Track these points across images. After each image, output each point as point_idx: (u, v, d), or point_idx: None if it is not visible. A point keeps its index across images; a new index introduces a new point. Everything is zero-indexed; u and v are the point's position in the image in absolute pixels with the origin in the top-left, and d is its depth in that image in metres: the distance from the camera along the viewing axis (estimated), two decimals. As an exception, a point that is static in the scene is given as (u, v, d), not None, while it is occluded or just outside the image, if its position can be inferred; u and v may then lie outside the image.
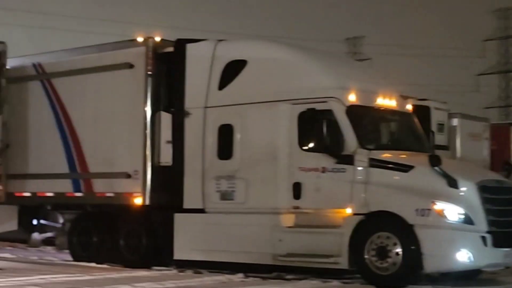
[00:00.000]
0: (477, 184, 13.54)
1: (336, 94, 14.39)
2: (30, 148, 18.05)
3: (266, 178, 14.86)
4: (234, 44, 16.15)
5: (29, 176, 17.95)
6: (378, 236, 13.63)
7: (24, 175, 18.01)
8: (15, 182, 17.86)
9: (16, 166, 17.96)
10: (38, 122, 18.02)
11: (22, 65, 18.37)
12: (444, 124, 23.97)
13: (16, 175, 17.91)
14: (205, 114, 15.69)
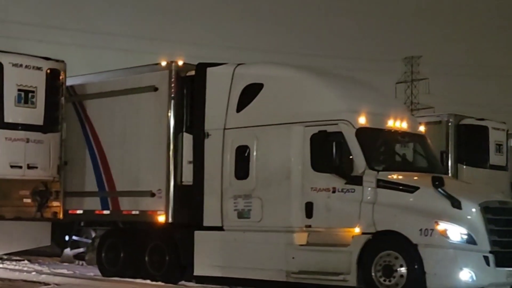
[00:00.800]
0: (480, 205, 13.90)
1: (347, 117, 14.89)
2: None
3: (280, 198, 15.40)
4: (252, 68, 16.74)
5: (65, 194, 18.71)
6: (384, 254, 14.08)
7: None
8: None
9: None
10: (70, 143, 18.76)
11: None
12: (502, 144, 24.23)
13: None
14: (224, 135, 16.30)
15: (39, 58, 17.33)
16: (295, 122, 15.38)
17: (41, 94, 17.11)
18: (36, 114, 17.09)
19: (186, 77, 17.24)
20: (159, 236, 17.37)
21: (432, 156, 16.19)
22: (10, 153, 16.78)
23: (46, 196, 17.33)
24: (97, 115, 18.48)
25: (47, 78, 17.21)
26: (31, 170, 17.02)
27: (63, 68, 17.62)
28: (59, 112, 17.50)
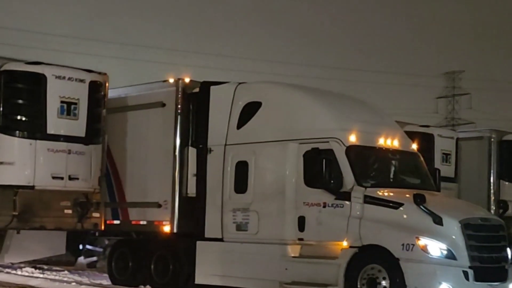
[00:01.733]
0: (461, 221, 14.49)
1: (338, 135, 15.58)
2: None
3: (275, 211, 16.14)
4: (251, 87, 17.50)
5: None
6: (369, 268, 14.73)
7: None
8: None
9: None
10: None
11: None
12: None
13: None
14: (225, 151, 17.08)
15: (82, 71, 17.55)
16: (290, 139, 16.10)
17: (83, 106, 17.28)
18: (78, 126, 17.22)
19: (192, 94, 18.06)
20: (164, 245, 18.21)
21: (424, 173, 16.76)
22: (52, 164, 16.92)
23: (87, 207, 17.51)
24: (110, 129, 19.29)
25: (89, 90, 17.39)
26: (72, 181, 17.19)
27: (105, 80, 17.90)
28: (100, 124, 17.77)
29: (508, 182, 23.76)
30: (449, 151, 22.66)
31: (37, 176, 16.75)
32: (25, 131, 16.74)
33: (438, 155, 22.50)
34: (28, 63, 16.92)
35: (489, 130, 24.47)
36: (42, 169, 16.81)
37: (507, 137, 24.12)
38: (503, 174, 23.77)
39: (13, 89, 16.76)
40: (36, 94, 16.79)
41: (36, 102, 16.81)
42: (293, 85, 17.51)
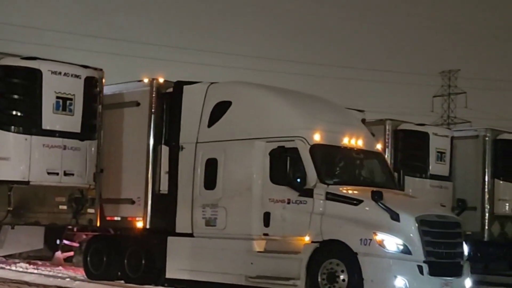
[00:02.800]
0: (417, 218, 15.02)
1: (302, 134, 16.12)
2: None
3: (242, 207, 16.67)
4: (222, 87, 18.05)
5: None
6: (329, 262, 15.24)
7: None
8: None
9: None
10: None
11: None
12: None
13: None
14: (196, 148, 17.61)
15: (78, 66, 17.54)
16: (258, 137, 16.62)
17: (79, 102, 17.27)
18: (73, 122, 17.23)
19: (165, 93, 18.58)
20: (137, 241, 18.71)
21: (386, 172, 17.29)
22: (47, 159, 16.89)
23: (82, 203, 17.59)
24: None
25: (85, 86, 17.41)
26: (68, 177, 17.20)
27: (101, 76, 17.98)
28: (96, 120, 17.84)
29: (503, 181, 24.04)
30: (444, 150, 23.03)
31: (32, 171, 16.80)
32: (21, 126, 16.79)
33: (433, 154, 22.94)
34: (24, 58, 17.01)
35: (484, 129, 24.63)
36: (37, 164, 16.85)
37: (502, 136, 24.33)
38: (498, 173, 24.02)
39: (8, 84, 16.84)
40: (31, 89, 16.85)
41: (32, 97, 16.85)
42: (262, 85, 18.03)
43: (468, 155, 24.14)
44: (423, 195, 21.25)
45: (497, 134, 24.42)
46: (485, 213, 23.93)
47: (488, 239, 24.03)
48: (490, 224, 23.94)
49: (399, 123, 23.09)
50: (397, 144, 22.60)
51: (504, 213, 24.12)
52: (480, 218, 23.88)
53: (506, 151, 24.18)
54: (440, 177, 23.02)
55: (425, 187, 22.62)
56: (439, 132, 23.41)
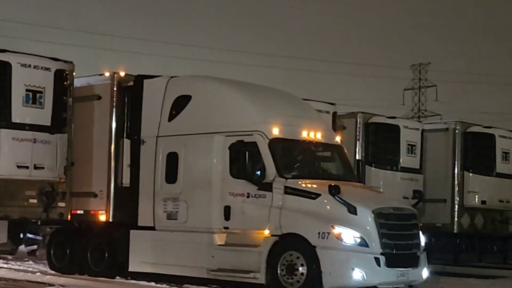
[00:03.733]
0: (374, 211, 15.26)
1: (261, 128, 16.27)
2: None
3: (203, 201, 16.83)
4: (182, 81, 18.16)
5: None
6: (288, 255, 15.47)
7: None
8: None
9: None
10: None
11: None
12: (509, 152, 24.90)
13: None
14: (157, 142, 17.73)
15: (48, 59, 17.46)
16: (217, 132, 16.77)
17: (49, 95, 17.23)
18: (43, 115, 17.17)
19: (127, 87, 18.68)
20: (100, 234, 18.84)
21: (346, 165, 17.50)
22: (17, 153, 16.84)
23: (53, 196, 17.59)
24: None
25: (55, 78, 17.35)
26: (38, 171, 17.15)
27: (72, 69, 17.90)
28: (67, 113, 17.76)
29: (473, 173, 24.47)
30: (415, 143, 23.35)
31: (1, 165, 16.77)
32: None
33: (404, 147, 23.27)
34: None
35: (454, 121, 25.07)
36: (6, 158, 16.80)
37: (472, 129, 24.75)
38: (467, 166, 24.46)
39: (-23, 76, 16.68)
40: (0, 82, 16.75)
41: (1, 90, 16.77)
42: (222, 79, 18.16)
43: (439, 148, 24.50)
44: (394, 188, 21.58)
45: (467, 127, 24.82)
46: (454, 205, 24.37)
47: (458, 230, 24.48)
48: (460, 216, 24.36)
49: (370, 116, 23.34)
50: (368, 137, 22.96)
51: (473, 205, 24.49)
52: (450, 210, 24.34)
53: (475, 143, 24.57)
54: (411, 169, 23.36)
55: (396, 180, 22.97)
56: (410, 125, 23.75)
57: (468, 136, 24.55)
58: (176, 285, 17.15)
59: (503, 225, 25.66)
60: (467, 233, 25.03)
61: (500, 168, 24.81)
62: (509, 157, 24.97)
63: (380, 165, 22.84)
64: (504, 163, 24.87)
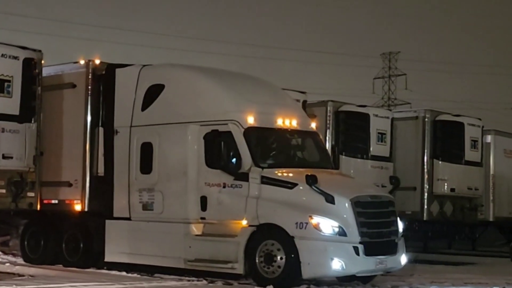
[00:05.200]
0: (352, 199, 15.18)
1: (235, 117, 16.12)
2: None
3: (179, 191, 16.69)
4: (155, 69, 17.94)
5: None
6: (265, 244, 15.39)
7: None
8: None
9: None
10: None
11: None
12: (478, 140, 24.99)
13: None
14: (130, 132, 17.54)
15: (16, 47, 17.13)
16: (191, 121, 16.60)
17: (17, 84, 16.91)
18: (12, 104, 16.85)
19: (102, 75, 18.43)
20: (75, 224, 18.68)
21: (322, 152, 17.41)
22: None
23: (22, 186, 17.38)
24: None
25: (23, 67, 17.04)
26: (6, 160, 16.87)
27: (40, 58, 17.54)
28: (35, 102, 17.42)
29: (442, 161, 24.52)
30: (385, 131, 23.39)
31: None
32: None
33: (374, 135, 23.28)
34: None
35: (423, 110, 25.16)
36: None
37: (441, 117, 24.85)
38: (436, 154, 24.53)
39: None
40: None
41: None
42: (196, 67, 17.96)
43: (408, 136, 24.62)
44: (364, 176, 21.59)
45: (436, 115, 24.94)
46: (424, 192, 24.48)
47: (427, 218, 24.63)
48: (429, 203, 24.51)
49: (341, 105, 23.34)
50: (338, 126, 22.99)
51: (442, 192, 24.64)
52: (420, 198, 24.49)
53: (445, 132, 24.70)
54: (381, 158, 23.41)
55: (366, 168, 23.00)
56: (380, 114, 23.76)
57: (437, 124, 24.70)
58: (147, 275, 17.07)
59: (472, 212, 25.93)
60: (436, 221, 25.25)
61: (469, 156, 24.95)
62: (477, 145, 25.13)
63: (350, 153, 22.92)
64: (472, 151, 25.06)
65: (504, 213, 27.96)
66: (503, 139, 27.74)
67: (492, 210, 27.37)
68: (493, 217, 27.44)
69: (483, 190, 26.21)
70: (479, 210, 26.37)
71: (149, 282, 15.94)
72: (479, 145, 25.22)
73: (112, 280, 15.97)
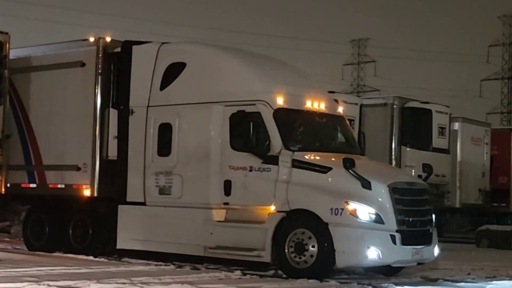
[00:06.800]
0: (389, 185, 14.39)
1: (265, 97, 15.26)
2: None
3: (200, 175, 15.79)
4: (176, 47, 17.05)
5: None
6: (297, 232, 14.54)
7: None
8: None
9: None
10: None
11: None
12: (445, 127, 24.67)
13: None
14: (147, 112, 16.61)
15: None
16: (215, 101, 15.72)
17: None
18: None
19: (113, 53, 17.50)
20: (84, 210, 17.70)
21: (349, 137, 16.65)
22: None
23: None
24: (25, 89, 18.65)
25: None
26: None
27: (6, 40, 17.15)
28: (2, 84, 17.06)
29: (410, 148, 24.15)
30: (353, 117, 22.88)
31: None
32: None
33: None
34: None
35: (392, 97, 24.97)
36: None
37: (409, 104, 24.65)
38: (405, 140, 24.20)
39: None
40: None
41: None
42: (219, 46, 17.14)
43: (377, 123, 24.38)
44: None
45: (405, 102, 24.76)
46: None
47: None
48: None
49: None
50: None
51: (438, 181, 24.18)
52: None
53: (413, 119, 24.50)
54: None
55: None
56: (349, 100, 23.32)
57: (405, 111, 24.51)
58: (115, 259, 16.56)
59: (439, 199, 25.65)
60: None
61: (437, 143, 24.79)
62: (445, 132, 25.04)
63: None
64: (440, 138, 24.91)
65: (470, 200, 28.05)
66: (470, 127, 27.76)
67: (459, 196, 27.41)
68: (460, 204, 27.49)
69: (450, 177, 26.00)
70: (446, 196, 26.25)
71: (116, 267, 15.34)
72: (446, 132, 25.13)
73: (79, 264, 15.37)
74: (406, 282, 14.65)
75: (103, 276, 13.40)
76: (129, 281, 12.83)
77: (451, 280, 15.23)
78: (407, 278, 15.16)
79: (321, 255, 14.25)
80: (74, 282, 12.35)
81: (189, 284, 12.75)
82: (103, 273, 14.04)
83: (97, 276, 13.33)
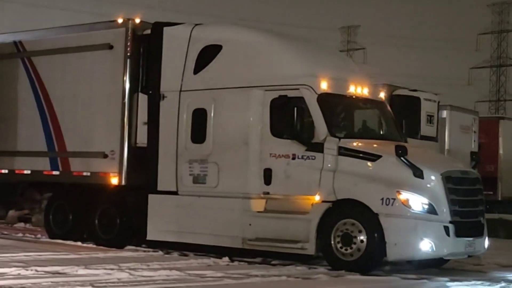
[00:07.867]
0: (442, 174, 13.70)
1: (308, 81, 14.50)
2: (8, 126, 18.22)
3: (238, 163, 15.03)
4: (210, 29, 16.27)
5: (7, 153, 18.14)
6: (344, 223, 13.83)
7: (2, 152, 18.22)
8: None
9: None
10: (17, 100, 18.18)
11: (2, 42, 18.53)
12: (433, 115, 24.19)
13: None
14: (180, 97, 15.85)
15: None
16: (254, 86, 14.98)
17: None
18: None
19: (142, 35, 16.71)
20: (111, 198, 16.93)
21: (392, 123, 15.95)
22: None
23: None
24: (48, 72, 17.88)
25: None
26: None
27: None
28: None
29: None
30: None
31: None
32: None
33: None
34: None
35: (381, 84, 24.28)
36: None
37: (398, 92, 24.13)
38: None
39: None
40: None
41: None
42: (254, 28, 16.36)
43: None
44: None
45: (393, 90, 24.20)
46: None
47: None
48: None
49: None
50: None
51: None
52: None
53: (401, 106, 23.95)
54: None
55: None
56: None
57: (394, 99, 23.89)
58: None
59: None
60: None
61: (425, 130, 24.24)
62: (433, 120, 24.58)
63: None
64: (428, 125, 24.48)
65: None
66: (458, 115, 27.25)
67: None
68: None
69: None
70: None
71: (105, 253, 14.99)
72: (435, 120, 24.61)
73: (67, 250, 15.03)
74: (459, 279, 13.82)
75: (91, 261, 13.22)
76: (117, 267, 12.61)
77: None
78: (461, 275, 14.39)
79: (370, 247, 13.56)
80: (62, 268, 12.18)
81: (177, 270, 12.55)
82: (91, 258, 13.84)
83: (85, 261, 13.16)
